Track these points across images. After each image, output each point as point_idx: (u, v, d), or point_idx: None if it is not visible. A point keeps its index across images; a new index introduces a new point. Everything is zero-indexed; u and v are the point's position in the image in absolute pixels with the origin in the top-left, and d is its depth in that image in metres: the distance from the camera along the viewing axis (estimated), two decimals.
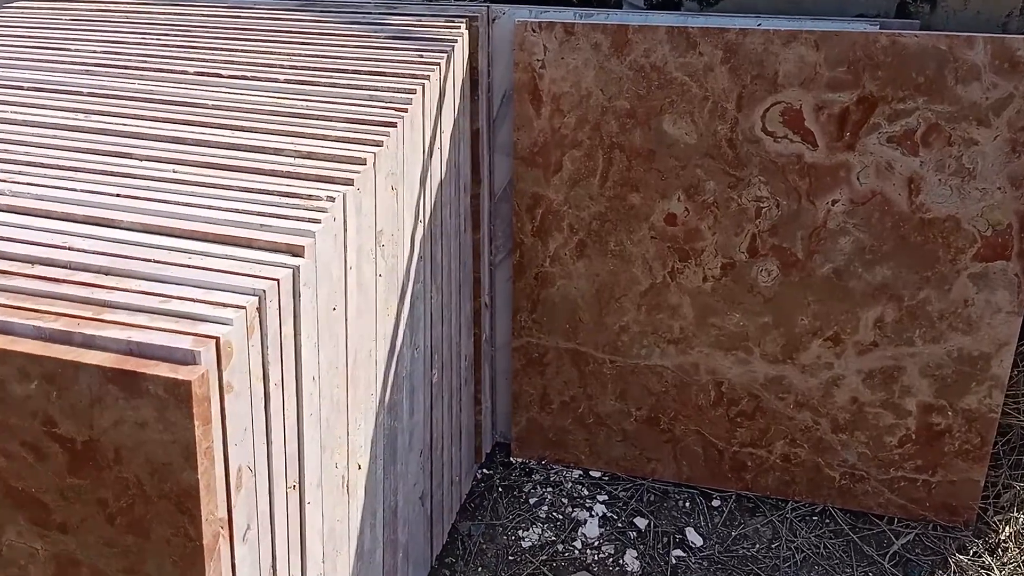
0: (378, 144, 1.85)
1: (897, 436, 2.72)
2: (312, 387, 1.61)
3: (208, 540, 1.33)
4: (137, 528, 1.33)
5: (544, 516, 2.94)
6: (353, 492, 1.96)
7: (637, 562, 2.76)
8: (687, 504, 2.96)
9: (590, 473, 3.09)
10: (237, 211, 1.60)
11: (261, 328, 1.41)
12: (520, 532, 2.88)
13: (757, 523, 2.88)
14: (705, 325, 2.75)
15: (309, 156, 1.80)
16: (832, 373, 2.70)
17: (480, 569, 2.75)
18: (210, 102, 2.03)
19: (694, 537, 2.84)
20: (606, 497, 3.00)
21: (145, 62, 2.26)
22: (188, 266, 1.45)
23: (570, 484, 3.05)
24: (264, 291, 1.39)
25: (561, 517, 2.93)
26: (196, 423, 1.24)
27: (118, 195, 1.65)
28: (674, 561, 2.76)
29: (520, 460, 3.14)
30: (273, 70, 2.21)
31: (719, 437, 2.88)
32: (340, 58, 2.28)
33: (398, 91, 2.08)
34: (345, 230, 1.70)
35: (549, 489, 3.04)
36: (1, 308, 1.32)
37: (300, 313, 1.50)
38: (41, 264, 1.44)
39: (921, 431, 2.70)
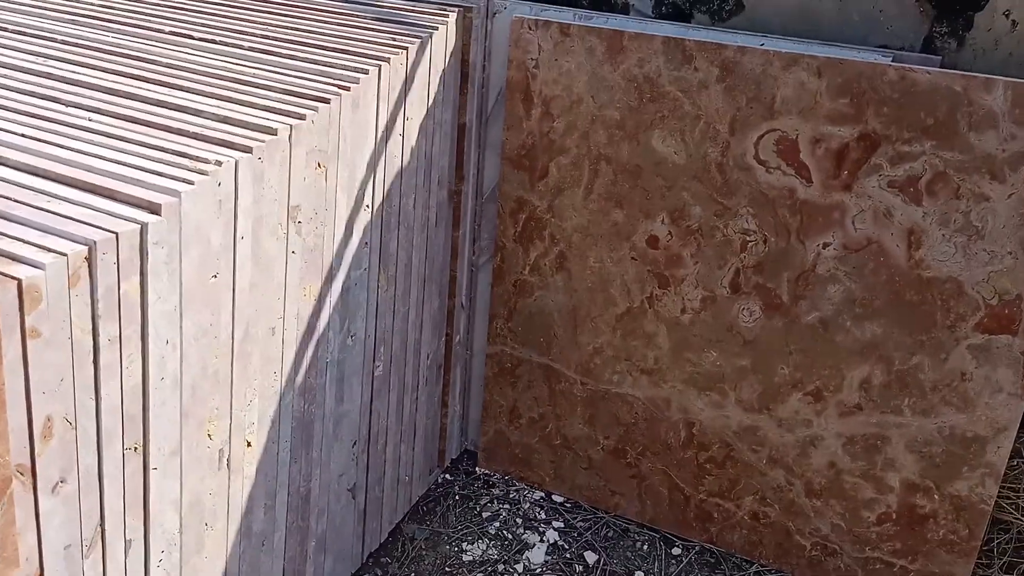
0: (300, 118, 1.81)
1: (876, 512, 2.46)
2: (166, 351, 1.58)
3: None
4: None
5: (493, 532, 2.82)
6: (238, 469, 1.92)
7: None
8: (645, 547, 2.78)
9: (552, 496, 2.95)
10: (120, 163, 1.58)
11: (91, 280, 1.38)
12: (464, 545, 2.78)
13: None
14: (680, 359, 2.57)
15: (224, 120, 1.77)
16: (810, 432, 2.47)
17: (414, 575, 2.67)
18: (165, 60, 2.04)
19: None
20: (562, 524, 2.85)
21: (129, 18, 2.30)
22: (41, 208, 1.44)
23: (528, 504, 2.92)
24: (95, 242, 1.37)
25: (510, 537, 2.81)
26: None
27: (23, 135, 1.67)
28: None
29: (484, 472, 3.03)
30: (242, 37, 2.20)
31: (686, 481, 2.69)
32: (312, 33, 2.26)
33: (351, 70, 2.03)
34: (236, 198, 1.66)
35: (506, 506, 2.92)
36: None
37: (148, 272, 1.47)
38: None
39: (903, 511, 2.43)
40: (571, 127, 2.49)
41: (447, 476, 3.04)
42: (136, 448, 1.59)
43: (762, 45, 2.25)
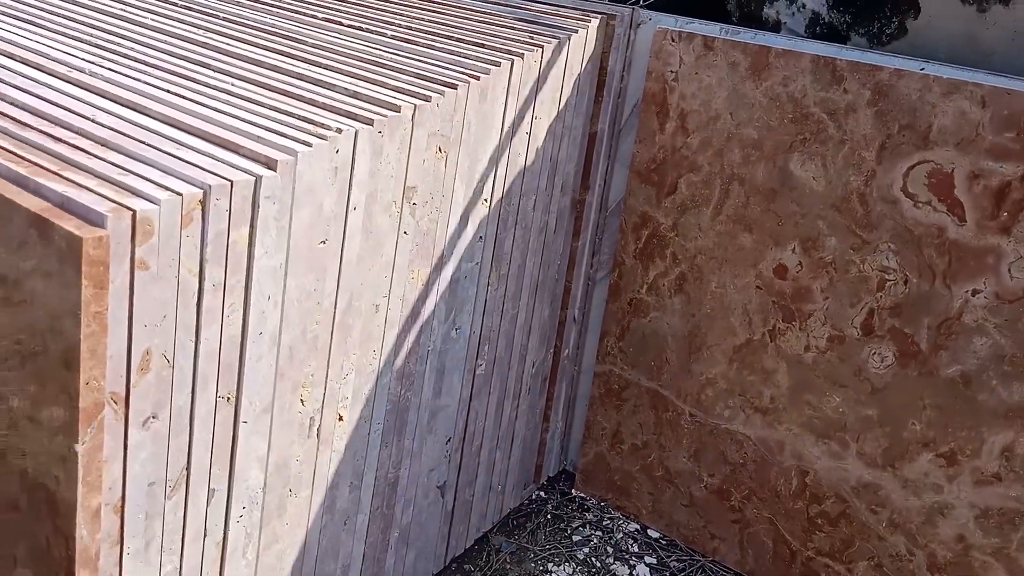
0: (426, 99, 1.82)
1: None
2: (267, 307, 1.61)
3: (87, 405, 1.36)
4: (39, 377, 1.39)
5: (581, 558, 2.72)
6: (327, 441, 1.93)
7: None
8: None
9: (648, 530, 2.81)
10: (249, 123, 1.64)
11: (203, 223, 1.43)
12: (550, 565, 2.69)
13: None
14: (799, 401, 2.40)
15: (354, 95, 1.81)
16: (939, 498, 2.24)
17: None
18: (311, 41, 2.12)
19: None
20: (655, 561, 2.71)
21: (288, 3, 2.42)
22: (168, 154, 1.51)
23: (621, 535, 2.80)
24: (210, 187, 1.41)
25: (599, 565, 2.69)
26: (85, 282, 1.28)
27: (168, 91, 1.76)
28: None
29: (580, 495, 2.93)
30: (386, 26, 2.26)
31: (794, 535, 2.49)
32: (453, 27, 2.29)
33: (483, 62, 2.04)
34: (352, 167, 1.68)
35: (598, 532, 2.81)
36: None
37: (257, 224, 1.51)
38: (60, 126, 1.57)
39: None
40: (705, 144, 2.40)
41: (541, 493, 2.96)
42: (229, 398, 1.62)
43: (922, 69, 2.10)
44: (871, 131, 2.15)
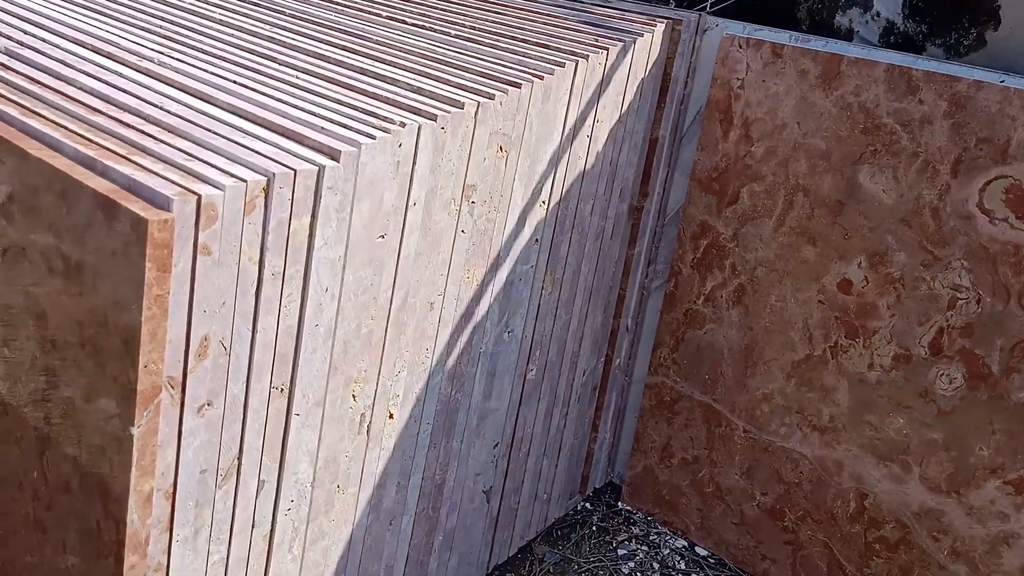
0: (489, 97, 1.80)
1: None
2: (325, 299, 1.60)
3: (144, 388, 1.36)
4: (99, 357, 1.40)
5: (626, 572, 2.66)
6: (377, 439, 1.91)
7: None
8: None
9: (695, 548, 2.74)
10: (313, 114, 1.64)
11: (265, 211, 1.42)
12: None
13: None
14: (860, 421, 2.32)
15: (418, 91, 1.80)
16: (1006, 527, 2.14)
17: None
18: (375, 38, 2.12)
19: None
20: None
21: (356, 2, 2.43)
22: (234, 142, 1.51)
23: (668, 551, 2.73)
24: (274, 175, 1.41)
25: None
26: (148, 264, 1.28)
27: (235, 82, 1.77)
28: None
29: (627, 508, 2.88)
30: (451, 25, 2.26)
31: (850, 559, 2.41)
32: (518, 28, 2.27)
33: (547, 62, 2.02)
34: (414, 162, 1.67)
35: (644, 547, 2.75)
36: (64, 130, 1.47)
37: (319, 214, 1.50)
38: (128, 112, 1.59)
39: None
40: (770, 153, 2.34)
41: (587, 505, 2.91)
42: (282, 389, 1.61)
43: (1002, 82, 2.02)
44: (947, 144, 2.07)
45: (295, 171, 1.44)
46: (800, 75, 2.25)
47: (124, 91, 1.68)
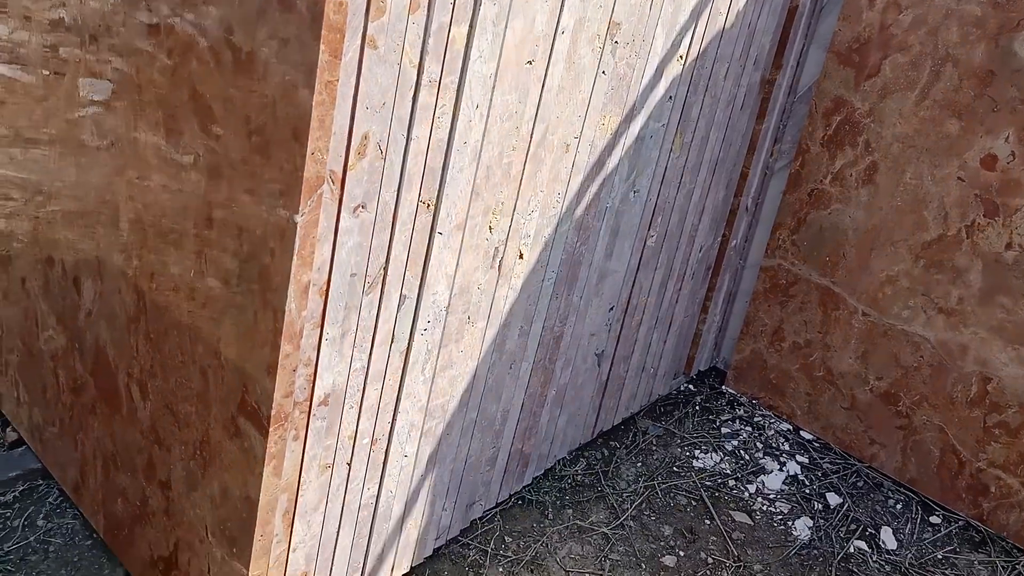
0: None
1: None
2: (474, 117, 1.62)
3: (310, 177, 1.41)
4: (263, 150, 1.46)
5: (730, 449, 2.68)
6: (507, 276, 1.95)
7: (808, 532, 2.40)
8: (898, 506, 2.49)
9: (800, 432, 2.73)
10: None
11: (428, 11, 1.44)
12: (697, 452, 2.66)
13: (976, 558, 2.33)
14: (991, 303, 2.26)
15: None
16: None
17: (640, 464, 2.60)
18: None
19: (888, 537, 2.39)
20: (806, 460, 2.64)
21: None
22: None
23: (772, 432, 2.74)
24: None
25: (747, 458, 2.65)
26: (322, 47, 1.32)
27: None
28: (852, 550, 2.35)
29: (731, 391, 2.88)
30: None
31: (965, 444, 2.37)
32: None
33: None
34: None
35: (748, 428, 2.76)
36: None
37: (476, 24, 1.51)
38: None
39: None
40: (919, 21, 2.24)
41: (690, 387, 2.93)
42: (429, 205, 1.65)
43: None
44: None
45: None
46: None
47: None
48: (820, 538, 2.38)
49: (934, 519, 2.44)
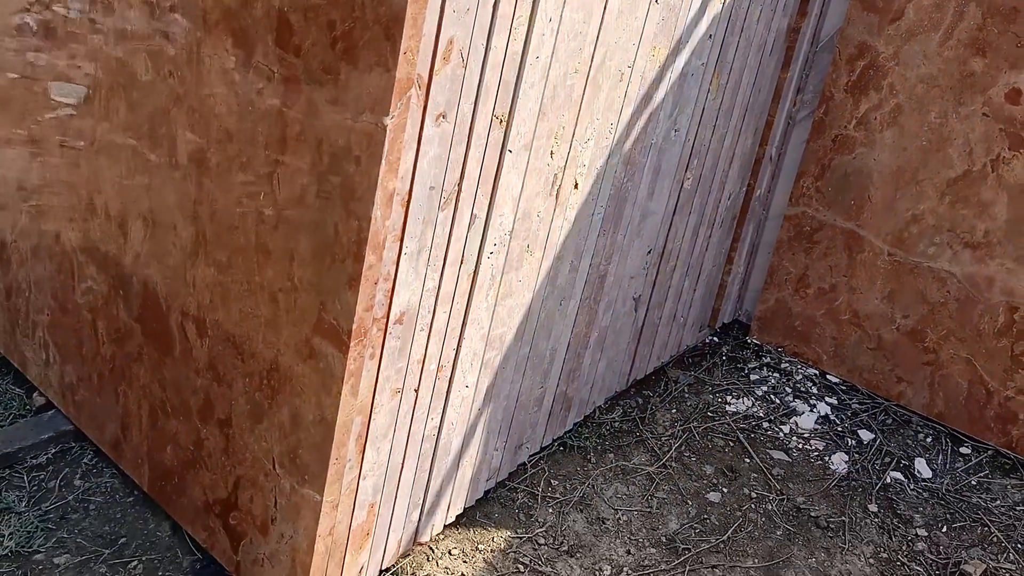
0: None
1: None
2: (546, 31, 1.64)
3: (401, 77, 1.42)
4: (350, 55, 1.46)
5: (760, 394, 2.72)
6: (563, 205, 1.97)
7: (845, 466, 2.45)
8: (928, 439, 2.56)
9: (827, 376, 2.79)
10: None
11: None
12: (729, 398, 2.70)
13: (1009, 482, 2.40)
14: (1017, 233, 2.33)
15: None
16: None
17: (674, 411, 2.63)
18: None
19: (923, 467, 2.45)
20: (835, 401, 2.69)
21: None
22: None
23: (800, 377, 2.79)
24: None
25: (778, 402, 2.70)
26: None
27: None
28: (889, 480, 2.40)
29: (755, 342, 2.93)
30: None
31: (993, 374, 2.44)
32: None
33: None
34: None
35: (775, 374, 2.81)
36: None
37: None
38: None
39: None
40: None
41: (715, 339, 2.97)
42: (501, 120, 1.67)
43: None
44: None
45: None
46: None
47: None
48: (857, 471, 2.43)
49: (964, 450, 2.51)
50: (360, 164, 1.50)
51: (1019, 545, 2.21)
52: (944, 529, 2.26)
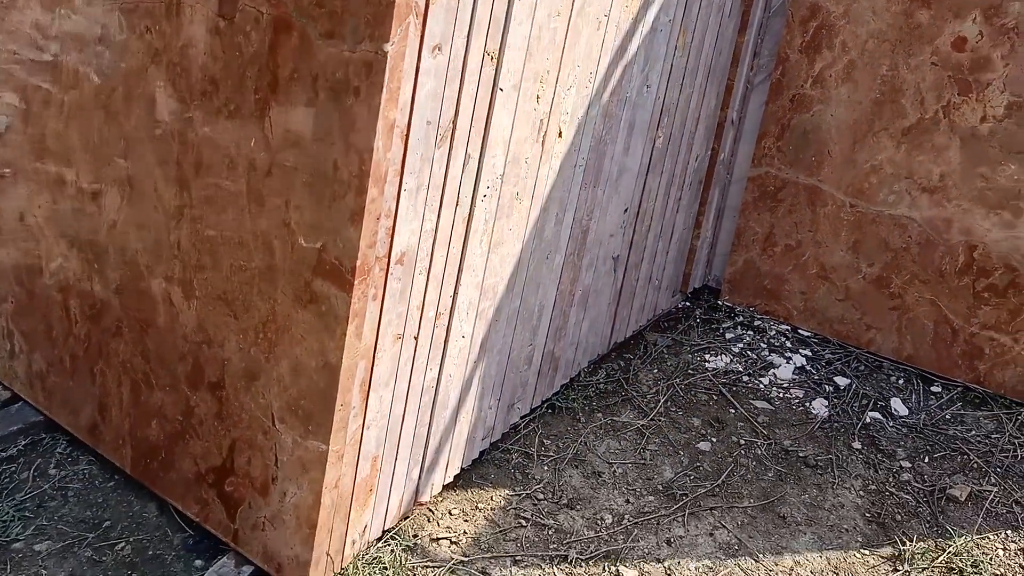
0: None
1: None
2: None
3: (400, 2, 1.43)
4: None
5: (737, 351, 2.77)
6: (549, 153, 2.00)
7: (826, 410, 2.51)
8: (900, 381, 2.64)
9: (799, 331, 2.86)
10: None
11: None
12: (707, 356, 2.75)
13: (981, 414, 2.49)
14: (971, 175, 2.45)
15: None
16: None
17: (656, 371, 2.66)
18: None
19: (899, 406, 2.52)
20: (809, 353, 2.76)
21: None
22: None
23: (773, 333, 2.85)
24: None
25: (755, 357, 2.75)
26: None
27: None
28: (868, 420, 2.47)
29: (727, 303, 2.99)
30: None
31: (957, 313, 2.54)
32: None
33: None
34: None
35: (750, 332, 2.87)
36: None
37: None
38: None
39: None
40: None
41: (687, 304, 3.02)
42: (492, 57, 1.69)
43: None
44: None
45: None
46: None
47: None
48: (837, 413, 2.50)
49: (935, 388, 2.60)
50: (360, 95, 1.50)
51: (998, 469, 2.29)
52: (926, 460, 2.33)
